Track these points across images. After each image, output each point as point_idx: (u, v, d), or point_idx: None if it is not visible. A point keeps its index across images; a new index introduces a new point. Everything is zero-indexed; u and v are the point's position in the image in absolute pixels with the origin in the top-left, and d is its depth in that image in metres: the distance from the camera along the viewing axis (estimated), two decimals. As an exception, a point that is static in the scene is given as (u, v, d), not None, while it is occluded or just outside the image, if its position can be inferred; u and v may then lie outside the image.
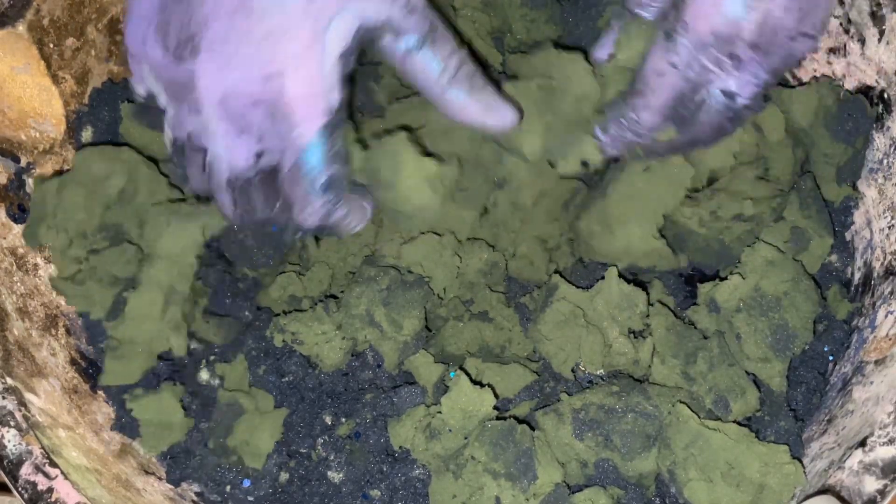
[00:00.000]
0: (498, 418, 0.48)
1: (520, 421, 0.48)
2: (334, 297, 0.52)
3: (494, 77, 0.50)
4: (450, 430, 0.48)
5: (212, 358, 0.53)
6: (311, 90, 0.41)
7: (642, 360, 0.50)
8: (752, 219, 0.51)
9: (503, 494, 0.46)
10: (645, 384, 0.49)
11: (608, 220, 0.51)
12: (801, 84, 0.55)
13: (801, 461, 0.45)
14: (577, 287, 0.51)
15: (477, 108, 0.46)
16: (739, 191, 0.51)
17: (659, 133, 0.47)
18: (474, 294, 0.53)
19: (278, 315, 0.52)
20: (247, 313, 0.53)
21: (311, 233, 0.47)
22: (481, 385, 0.49)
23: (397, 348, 0.50)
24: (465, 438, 0.48)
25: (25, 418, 0.43)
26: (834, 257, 0.53)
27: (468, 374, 0.49)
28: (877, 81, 0.52)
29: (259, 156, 0.43)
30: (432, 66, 0.44)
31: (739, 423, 0.47)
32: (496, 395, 0.49)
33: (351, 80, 0.43)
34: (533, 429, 0.48)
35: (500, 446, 0.46)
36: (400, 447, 0.49)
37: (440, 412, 0.48)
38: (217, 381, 0.53)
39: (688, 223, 0.51)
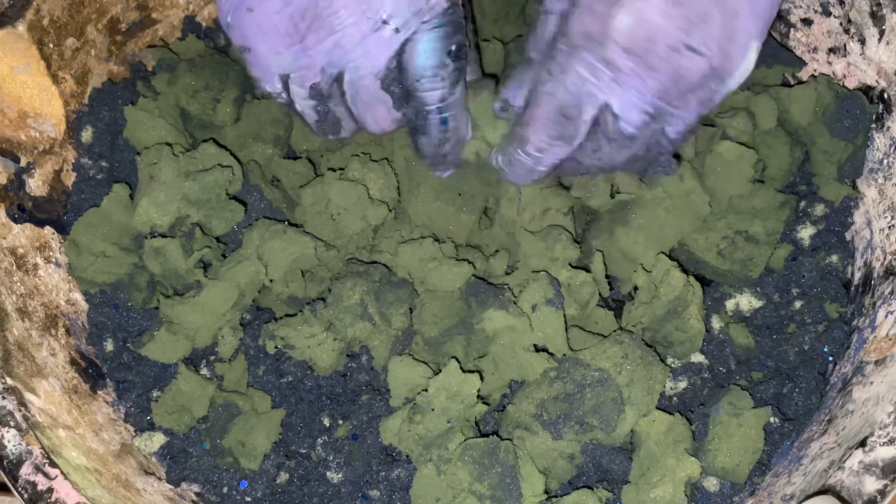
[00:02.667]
0: (483, 435, 0.48)
1: (503, 438, 0.47)
2: (322, 299, 0.52)
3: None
4: (433, 410, 0.47)
5: (212, 358, 0.53)
6: None
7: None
8: (759, 238, 0.52)
9: None
10: (575, 355, 0.49)
11: (627, 250, 0.51)
12: (800, 83, 0.55)
13: None
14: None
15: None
16: (745, 206, 0.52)
17: (550, 153, 0.45)
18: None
19: (275, 320, 0.52)
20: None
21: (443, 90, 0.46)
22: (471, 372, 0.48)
23: (388, 343, 0.50)
24: (449, 423, 0.47)
25: (25, 418, 0.43)
26: (834, 257, 0.53)
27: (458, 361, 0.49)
28: (877, 81, 0.52)
29: (396, 32, 0.44)
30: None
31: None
32: (482, 378, 0.48)
33: None
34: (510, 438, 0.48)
35: (484, 465, 0.46)
36: (390, 444, 0.49)
37: (426, 390, 0.48)
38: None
39: (702, 252, 0.52)
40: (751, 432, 0.48)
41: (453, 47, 0.45)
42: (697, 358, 0.52)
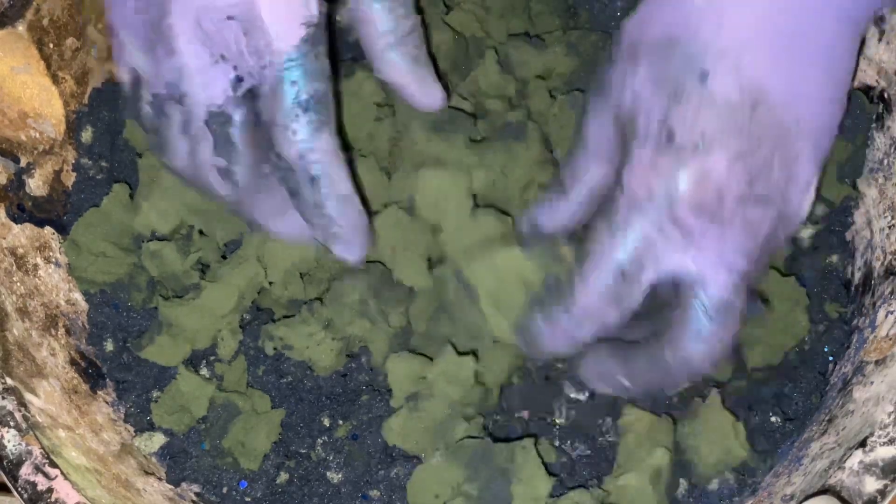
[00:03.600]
0: (471, 437, 0.48)
1: (497, 439, 0.47)
2: (320, 299, 0.52)
3: (433, 56, 0.50)
4: (433, 397, 0.47)
5: (212, 358, 0.53)
6: (283, 3, 0.40)
7: None
8: None
9: None
10: None
11: None
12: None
13: None
14: None
15: (412, 78, 0.45)
16: None
17: (596, 318, 0.41)
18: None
19: (274, 321, 0.52)
20: None
21: (298, 173, 0.43)
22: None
23: (387, 341, 0.50)
24: (450, 407, 0.47)
25: (25, 418, 0.43)
26: (834, 257, 0.53)
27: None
28: (877, 81, 0.52)
29: (238, 80, 0.41)
30: (384, 20, 0.43)
31: None
32: (476, 359, 0.48)
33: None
34: (522, 437, 0.48)
35: (474, 468, 0.46)
36: (392, 445, 0.49)
37: (425, 377, 0.48)
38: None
39: None
40: (716, 417, 0.48)
41: (304, 97, 0.40)
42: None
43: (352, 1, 0.43)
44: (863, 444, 0.40)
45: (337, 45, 0.57)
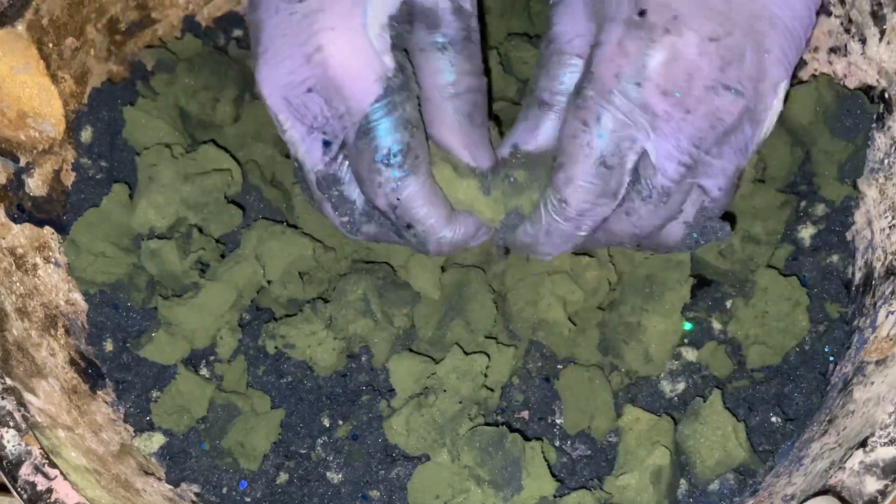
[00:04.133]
0: (489, 424, 0.48)
1: (512, 430, 0.48)
2: (322, 299, 0.52)
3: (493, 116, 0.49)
4: (444, 391, 0.48)
5: (211, 358, 0.53)
6: (356, 60, 0.40)
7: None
8: (759, 238, 0.51)
9: (486, 501, 0.46)
10: None
11: (624, 249, 0.51)
12: (801, 83, 0.55)
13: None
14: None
15: (461, 135, 0.43)
16: (745, 206, 0.52)
17: (592, 213, 0.41)
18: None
19: (275, 320, 0.52)
20: None
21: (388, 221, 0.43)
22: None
23: (389, 342, 0.50)
24: (460, 402, 0.48)
25: (25, 418, 0.43)
26: (835, 257, 0.53)
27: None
28: (878, 81, 0.52)
29: (326, 144, 0.42)
30: (446, 71, 0.42)
31: None
32: (488, 356, 0.49)
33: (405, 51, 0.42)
34: (528, 438, 0.48)
35: (488, 453, 0.46)
36: (392, 444, 0.49)
37: (435, 373, 0.48)
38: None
39: (702, 252, 0.52)
40: (716, 418, 0.48)
41: (384, 151, 0.40)
42: (697, 358, 0.52)
43: (416, 50, 0.42)
44: (863, 444, 0.40)
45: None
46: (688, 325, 0.52)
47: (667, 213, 0.41)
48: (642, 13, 0.37)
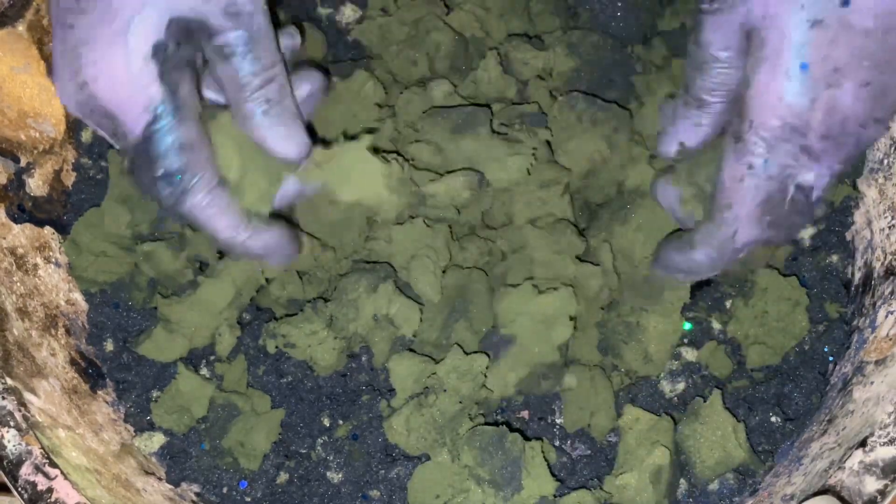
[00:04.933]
0: (489, 424, 0.48)
1: (512, 429, 0.48)
2: (323, 298, 0.52)
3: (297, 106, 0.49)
4: (445, 391, 0.48)
5: (212, 358, 0.53)
6: (121, 91, 0.41)
7: None
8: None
9: (486, 501, 0.46)
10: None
11: (625, 249, 0.51)
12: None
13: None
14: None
15: (271, 131, 0.45)
16: None
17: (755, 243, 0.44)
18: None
19: (276, 319, 0.52)
20: None
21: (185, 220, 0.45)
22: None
23: (389, 342, 0.50)
24: (460, 402, 0.48)
25: (25, 418, 0.43)
26: (834, 257, 0.53)
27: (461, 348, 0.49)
28: (877, 81, 0.52)
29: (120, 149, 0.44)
30: (239, 74, 0.43)
31: None
32: (488, 356, 0.49)
33: (194, 67, 0.43)
34: (528, 438, 0.48)
35: (489, 452, 0.46)
36: (392, 444, 0.49)
37: (435, 373, 0.48)
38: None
39: None
40: (715, 418, 0.48)
41: (160, 173, 0.43)
42: (697, 358, 0.52)
43: (210, 60, 0.43)
44: (863, 444, 0.40)
45: (338, 46, 0.57)
46: (688, 325, 0.52)
47: (816, 215, 0.45)
48: (804, 65, 0.39)
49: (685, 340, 0.52)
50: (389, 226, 0.50)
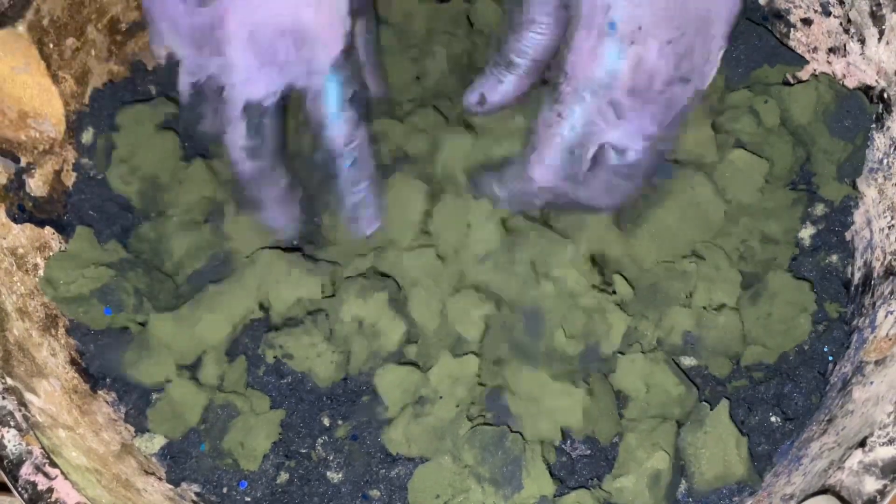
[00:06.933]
0: (488, 423, 0.48)
1: (512, 429, 0.48)
2: (324, 311, 0.52)
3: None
4: (441, 398, 0.48)
5: (211, 358, 0.53)
6: (332, 18, 0.46)
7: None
8: (777, 238, 0.51)
9: (486, 500, 0.46)
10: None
11: (637, 260, 0.51)
12: (801, 83, 0.55)
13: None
14: None
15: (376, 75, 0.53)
16: (757, 208, 0.52)
17: (552, 190, 0.47)
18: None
19: (275, 329, 0.52)
20: None
21: (341, 161, 0.49)
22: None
23: (367, 351, 0.50)
24: (458, 406, 0.48)
25: (25, 418, 0.43)
26: (834, 257, 0.53)
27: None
28: (877, 81, 0.52)
29: (286, 84, 0.46)
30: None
31: None
32: (478, 356, 0.49)
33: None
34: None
35: (489, 451, 0.46)
36: (398, 452, 0.49)
37: (428, 381, 0.48)
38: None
39: (717, 259, 0.51)
40: (720, 429, 0.48)
41: (347, 97, 0.47)
42: (696, 360, 0.52)
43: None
44: (862, 444, 0.40)
45: None
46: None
47: (640, 180, 0.47)
48: (612, 24, 0.42)
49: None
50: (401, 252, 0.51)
